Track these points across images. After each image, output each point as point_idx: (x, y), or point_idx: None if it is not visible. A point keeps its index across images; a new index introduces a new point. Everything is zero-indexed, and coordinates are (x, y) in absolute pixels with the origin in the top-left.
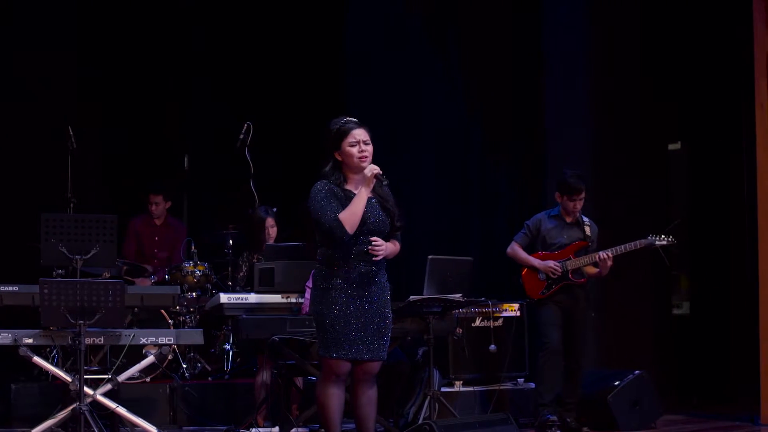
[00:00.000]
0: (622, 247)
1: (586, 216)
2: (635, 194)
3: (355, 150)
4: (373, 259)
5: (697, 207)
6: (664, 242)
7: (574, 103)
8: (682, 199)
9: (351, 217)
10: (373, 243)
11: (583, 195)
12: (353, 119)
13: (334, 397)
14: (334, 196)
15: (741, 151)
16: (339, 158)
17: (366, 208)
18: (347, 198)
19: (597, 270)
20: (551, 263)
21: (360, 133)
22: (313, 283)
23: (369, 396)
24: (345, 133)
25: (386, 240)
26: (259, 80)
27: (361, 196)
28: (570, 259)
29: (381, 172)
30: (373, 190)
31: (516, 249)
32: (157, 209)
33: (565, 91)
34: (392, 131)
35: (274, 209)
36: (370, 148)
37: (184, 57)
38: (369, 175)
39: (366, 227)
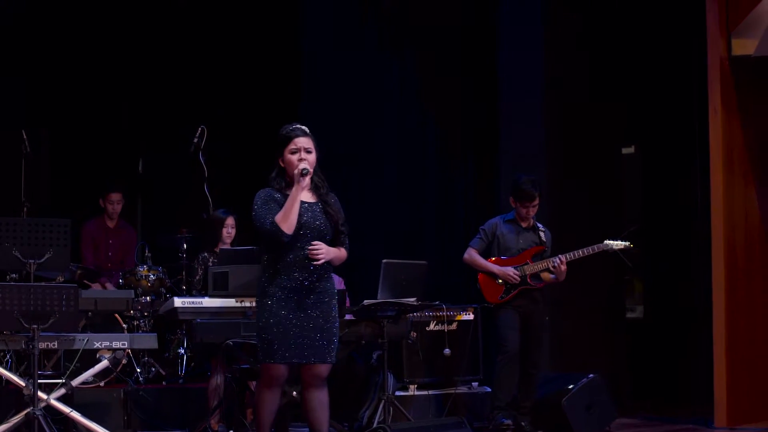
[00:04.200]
0: (579, 251)
1: (540, 221)
2: (589, 198)
3: (295, 157)
4: (314, 263)
5: (651, 210)
6: (621, 246)
7: (527, 107)
8: (635, 203)
9: (285, 217)
10: (311, 248)
11: (536, 202)
12: (302, 126)
13: (268, 403)
14: (274, 201)
15: (695, 155)
16: (281, 164)
17: (308, 213)
18: None
19: (553, 276)
20: (510, 270)
21: (303, 141)
22: (257, 290)
23: (320, 400)
24: (288, 139)
25: (332, 246)
26: (214, 84)
27: (292, 195)
28: (527, 263)
29: (306, 169)
30: (317, 195)
31: (473, 255)
32: (115, 209)
33: (518, 96)
34: (348, 135)
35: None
36: (311, 156)
37: (138, 59)
38: (296, 173)
39: (308, 233)
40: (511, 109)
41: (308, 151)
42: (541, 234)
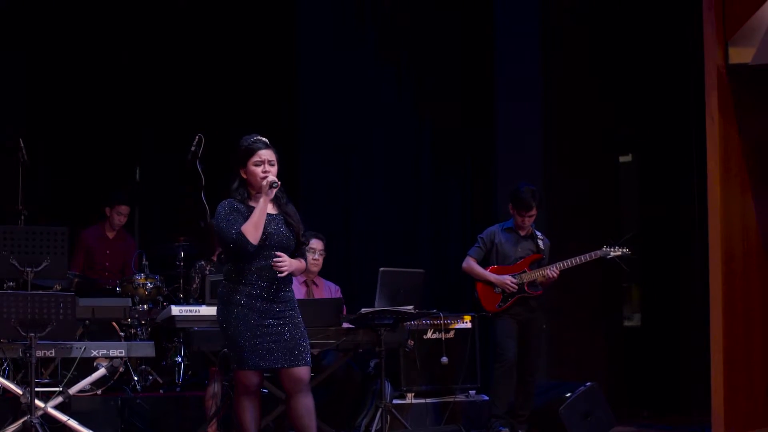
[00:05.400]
0: (577, 258)
1: (537, 230)
2: (586, 207)
3: (259, 170)
4: (278, 275)
5: (648, 219)
6: (619, 252)
7: (525, 114)
8: (633, 211)
9: (252, 227)
10: (275, 260)
11: (533, 212)
12: (263, 139)
13: (247, 410)
14: (237, 212)
15: (692, 163)
16: (244, 176)
17: (272, 225)
18: (250, 213)
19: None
20: (507, 279)
21: (266, 154)
22: (219, 299)
23: (305, 405)
24: (252, 152)
25: (292, 257)
26: (211, 92)
27: (260, 206)
28: (525, 271)
29: (276, 181)
30: (278, 207)
31: (471, 264)
32: (121, 221)
33: (517, 103)
34: (344, 143)
35: None
36: (274, 169)
37: (135, 67)
38: (264, 184)
39: (270, 243)
40: (509, 115)
41: (271, 164)
42: (540, 242)
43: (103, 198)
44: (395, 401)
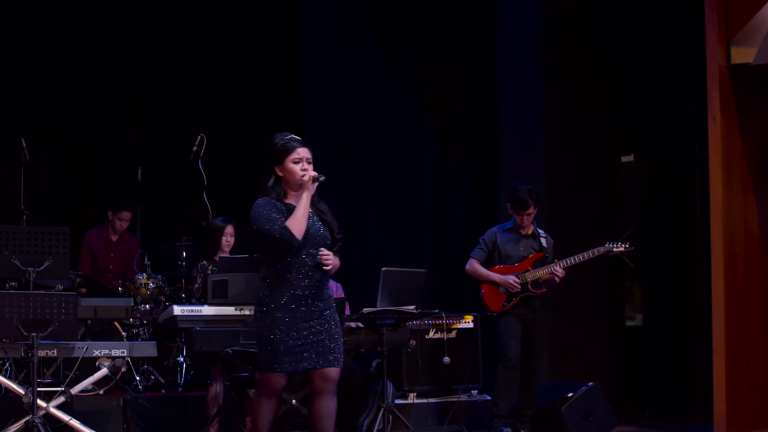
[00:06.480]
0: (580, 255)
1: (540, 228)
2: (588, 207)
3: (298, 167)
4: (324, 268)
5: (651, 219)
6: (622, 248)
7: (527, 115)
8: (635, 211)
9: (297, 222)
10: (321, 255)
11: (531, 210)
12: (298, 137)
13: (267, 409)
14: (276, 209)
15: (694, 163)
16: (280, 173)
17: (309, 221)
18: (288, 211)
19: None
20: (511, 278)
21: (304, 151)
22: (256, 300)
23: (329, 407)
24: (290, 149)
25: None
26: (213, 92)
27: (303, 201)
28: (529, 270)
29: (320, 176)
30: (313, 205)
31: (474, 265)
32: (123, 226)
33: (518, 103)
34: (345, 142)
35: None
36: (311, 167)
37: (137, 68)
38: (307, 179)
39: (308, 241)
40: (511, 116)
41: (309, 162)
42: (542, 240)
43: (105, 198)
44: (397, 401)
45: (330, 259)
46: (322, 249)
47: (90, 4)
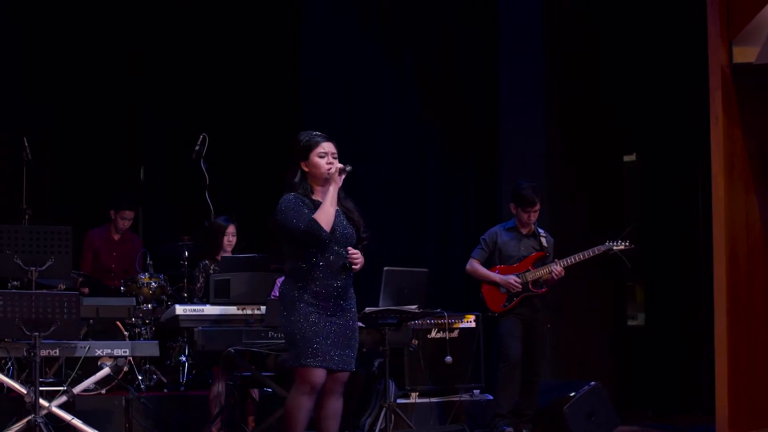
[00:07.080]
0: (581, 254)
1: (542, 228)
2: (590, 206)
3: (323, 161)
4: (352, 267)
5: (653, 218)
6: (622, 247)
7: (529, 114)
8: (637, 211)
9: (325, 214)
10: (350, 254)
11: (537, 207)
12: (323, 133)
13: (304, 409)
14: (304, 204)
15: (696, 163)
16: (305, 169)
17: (335, 219)
18: (315, 207)
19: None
20: (512, 278)
21: (328, 146)
22: (282, 298)
23: (336, 408)
24: (315, 144)
25: None
26: (215, 91)
27: (331, 193)
28: (529, 270)
29: (347, 166)
30: (339, 203)
31: (475, 265)
32: (125, 225)
33: (521, 103)
34: (349, 142)
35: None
36: (336, 161)
37: (139, 67)
38: (333, 171)
39: (334, 239)
40: (513, 116)
41: (334, 156)
42: (543, 239)
43: (107, 198)
44: (399, 401)
45: (359, 259)
46: (350, 248)
47: (91, 4)
